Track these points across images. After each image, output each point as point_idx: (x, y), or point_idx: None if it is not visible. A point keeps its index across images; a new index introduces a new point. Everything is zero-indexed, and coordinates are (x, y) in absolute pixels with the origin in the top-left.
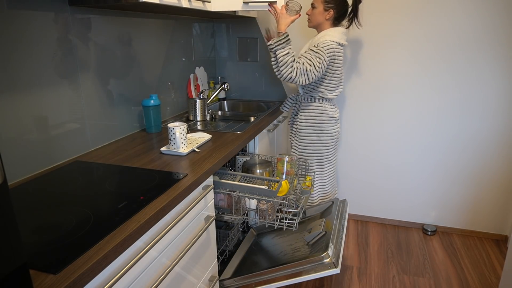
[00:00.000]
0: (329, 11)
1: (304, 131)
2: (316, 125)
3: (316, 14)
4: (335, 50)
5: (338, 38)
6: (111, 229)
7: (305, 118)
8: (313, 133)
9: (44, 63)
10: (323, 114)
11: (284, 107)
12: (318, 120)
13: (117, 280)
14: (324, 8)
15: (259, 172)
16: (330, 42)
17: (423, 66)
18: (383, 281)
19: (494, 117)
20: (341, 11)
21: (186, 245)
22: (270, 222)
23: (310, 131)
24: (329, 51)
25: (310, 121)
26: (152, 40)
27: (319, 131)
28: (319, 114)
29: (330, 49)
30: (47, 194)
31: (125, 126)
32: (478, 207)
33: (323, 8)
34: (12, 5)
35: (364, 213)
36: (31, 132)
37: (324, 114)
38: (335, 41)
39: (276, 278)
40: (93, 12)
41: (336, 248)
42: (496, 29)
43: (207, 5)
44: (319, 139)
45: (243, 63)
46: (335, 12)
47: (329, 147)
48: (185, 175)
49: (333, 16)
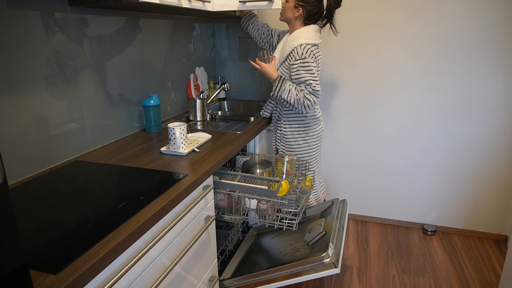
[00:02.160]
0: (298, 9)
1: (290, 136)
2: (301, 128)
3: (287, 9)
4: (315, 52)
5: (312, 39)
6: (111, 229)
7: (289, 123)
8: (299, 137)
9: (44, 63)
10: (306, 116)
11: (265, 111)
12: (302, 123)
13: (117, 280)
14: (295, 5)
15: (259, 172)
16: (307, 46)
17: (423, 66)
18: (383, 281)
19: (494, 117)
20: (312, 12)
21: (186, 245)
22: (270, 222)
23: (295, 135)
24: (311, 56)
25: (294, 125)
26: (152, 40)
27: (305, 134)
28: (303, 117)
29: (311, 53)
30: (47, 194)
31: (125, 126)
32: (478, 207)
33: (293, 5)
34: (12, 5)
35: (364, 213)
36: (31, 132)
37: (307, 116)
38: (310, 43)
39: (276, 278)
40: (93, 12)
41: (336, 248)
42: (497, 28)
43: (207, 5)
44: (306, 142)
45: (243, 63)
46: (304, 12)
47: (315, 148)
48: (185, 175)
49: (303, 15)
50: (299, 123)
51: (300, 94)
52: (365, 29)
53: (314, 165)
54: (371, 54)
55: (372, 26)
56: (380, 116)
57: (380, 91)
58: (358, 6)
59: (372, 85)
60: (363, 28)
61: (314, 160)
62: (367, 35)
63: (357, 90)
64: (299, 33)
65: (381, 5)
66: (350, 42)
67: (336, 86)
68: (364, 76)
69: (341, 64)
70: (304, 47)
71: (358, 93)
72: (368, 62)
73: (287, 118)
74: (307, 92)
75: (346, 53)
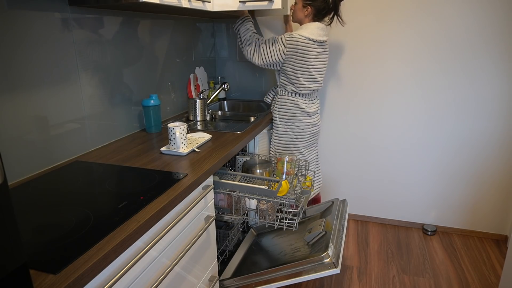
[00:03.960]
0: (307, 8)
1: (278, 122)
2: (287, 117)
3: (297, 10)
4: (300, 44)
5: (309, 33)
6: (111, 229)
7: (278, 110)
8: (285, 125)
9: (44, 63)
10: (294, 107)
11: (267, 98)
12: (289, 112)
13: (117, 280)
14: (303, 5)
15: (259, 172)
16: (297, 36)
17: (423, 66)
18: (383, 281)
19: (495, 117)
20: (320, 8)
21: (186, 245)
22: (270, 222)
23: (283, 122)
24: (289, 44)
25: (282, 113)
26: (152, 40)
27: (291, 123)
28: (291, 107)
29: (292, 42)
30: (47, 194)
31: (125, 126)
32: (478, 207)
33: (302, 5)
34: (12, 5)
35: (364, 213)
36: (31, 132)
37: (295, 107)
38: (303, 35)
39: (276, 278)
40: (93, 12)
41: (336, 248)
42: (492, 29)
43: (207, 5)
44: (292, 130)
45: (243, 63)
46: (313, 9)
47: (301, 139)
48: (185, 175)
49: (312, 13)
50: (287, 111)
51: (253, 39)
52: (365, 30)
53: (299, 156)
54: (371, 54)
55: (371, 27)
56: (380, 116)
57: (380, 91)
58: (358, 8)
59: (372, 85)
60: (363, 29)
61: (297, 152)
62: (367, 35)
63: (357, 90)
64: (301, 26)
65: (381, 6)
66: (350, 43)
67: (336, 86)
68: (364, 76)
69: (341, 64)
70: (292, 37)
71: (358, 93)
72: (369, 62)
73: (278, 105)
74: (259, 44)
75: (347, 53)
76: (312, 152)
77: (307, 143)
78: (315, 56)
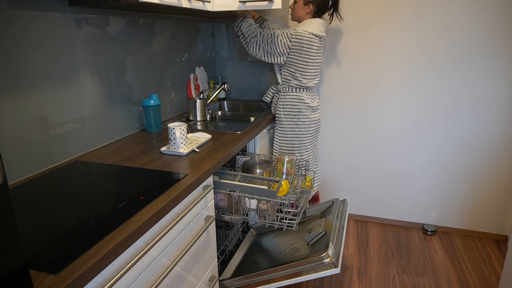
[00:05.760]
0: (308, 6)
1: (284, 119)
2: (293, 113)
3: (297, 8)
4: (304, 39)
5: (312, 28)
6: (111, 229)
7: (283, 107)
8: (291, 121)
9: (44, 63)
10: (299, 102)
11: (267, 97)
12: (295, 108)
13: (117, 280)
14: (304, 3)
15: (259, 172)
16: (301, 31)
17: (423, 67)
18: (383, 281)
19: (495, 117)
20: (321, 5)
21: (186, 245)
22: (270, 222)
23: (288, 119)
24: (294, 38)
25: (288, 109)
26: (152, 40)
27: (297, 119)
28: (296, 103)
29: (297, 37)
30: (47, 194)
31: (125, 126)
32: (478, 207)
33: (303, 3)
34: (12, 5)
35: (364, 213)
36: (31, 132)
37: (301, 102)
38: (307, 30)
39: (276, 278)
40: (93, 12)
41: (336, 248)
42: (499, 27)
43: (207, 5)
44: (298, 126)
45: (243, 63)
46: (314, 7)
47: (307, 135)
48: (185, 175)
49: (313, 10)
50: (292, 107)
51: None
52: (366, 28)
53: (304, 152)
54: (372, 54)
55: (373, 25)
56: (381, 116)
57: (380, 91)
58: (360, 5)
59: (373, 85)
60: (364, 27)
61: (304, 148)
62: (368, 34)
63: (358, 90)
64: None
65: (385, 3)
66: (351, 42)
67: (337, 86)
68: (364, 76)
69: (341, 64)
70: (297, 32)
71: (359, 93)
72: (369, 62)
73: (282, 102)
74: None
75: (347, 53)
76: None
77: (312, 139)
78: (316, 51)
